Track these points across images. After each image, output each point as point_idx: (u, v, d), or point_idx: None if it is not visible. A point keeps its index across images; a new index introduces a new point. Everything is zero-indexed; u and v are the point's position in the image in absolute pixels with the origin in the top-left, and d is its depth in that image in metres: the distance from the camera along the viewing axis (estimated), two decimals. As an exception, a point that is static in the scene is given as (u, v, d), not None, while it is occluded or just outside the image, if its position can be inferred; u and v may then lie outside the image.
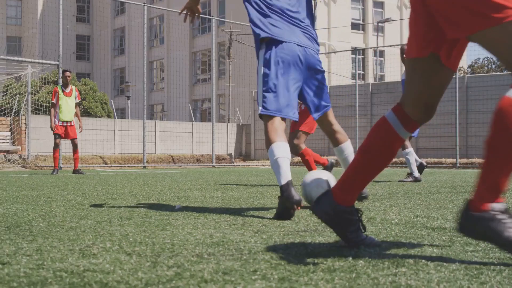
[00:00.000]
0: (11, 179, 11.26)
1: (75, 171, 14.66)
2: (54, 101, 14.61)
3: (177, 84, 53.26)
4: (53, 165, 14.88)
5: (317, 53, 4.94)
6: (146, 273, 2.34)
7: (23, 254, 2.76)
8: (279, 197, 4.36)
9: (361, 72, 52.17)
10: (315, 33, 5.00)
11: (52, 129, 14.55)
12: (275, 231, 3.58)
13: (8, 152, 22.09)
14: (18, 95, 27.18)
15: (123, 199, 6.13)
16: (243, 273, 2.34)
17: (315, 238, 3.30)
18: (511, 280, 2.24)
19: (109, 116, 36.26)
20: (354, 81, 32.49)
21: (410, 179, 10.57)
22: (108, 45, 68.34)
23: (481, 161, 2.54)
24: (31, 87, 23.69)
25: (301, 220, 4.19)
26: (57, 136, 14.53)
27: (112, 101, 38.55)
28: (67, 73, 14.88)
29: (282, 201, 4.29)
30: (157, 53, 60.71)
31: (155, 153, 27.07)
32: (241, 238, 3.29)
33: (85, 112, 35.43)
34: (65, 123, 14.68)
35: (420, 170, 10.90)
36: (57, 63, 19.02)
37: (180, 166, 24.05)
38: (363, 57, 52.87)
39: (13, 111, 25.17)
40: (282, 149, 4.49)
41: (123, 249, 2.91)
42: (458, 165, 22.15)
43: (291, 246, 3.01)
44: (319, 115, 4.99)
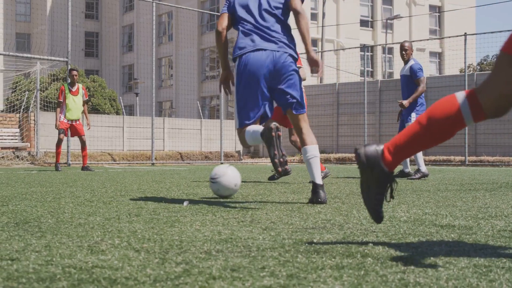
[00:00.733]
0: (20, 175, 11.29)
1: (84, 168, 14.68)
2: (61, 100, 14.61)
3: (185, 81, 53.31)
4: (55, 160, 14.86)
5: (289, 55, 5.48)
6: (154, 269, 2.34)
7: (32, 250, 2.77)
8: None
9: (370, 69, 52.08)
10: (286, 38, 5.60)
11: (56, 127, 14.55)
12: (283, 228, 3.58)
13: (17, 148, 22.15)
14: (27, 92, 27.26)
15: (132, 196, 6.14)
16: (251, 270, 2.34)
17: (323, 235, 3.30)
18: (520, 278, 2.23)
19: (117, 113, 36.32)
20: (362, 78, 32.43)
21: (418, 175, 10.58)
22: (116, 42, 68.42)
23: (488, 158, 2.53)
24: (40, 84, 23.75)
25: (309, 217, 4.18)
26: (61, 131, 14.51)
27: (120, 98, 38.63)
28: (74, 72, 14.87)
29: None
30: (165, 50, 60.74)
31: (164, 150, 27.11)
32: (249, 235, 3.29)
33: (93, 109, 35.50)
34: (72, 121, 14.69)
35: (404, 175, 10.90)
36: (65, 59, 19.05)
37: (188, 163, 24.08)
38: (371, 54, 52.78)
39: (22, 107, 25.25)
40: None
41: (132, 245, 2.91)
42: (467, 162, 22.09)
43: (299, 243, 3.01)
44: (285, 112, 5.50)
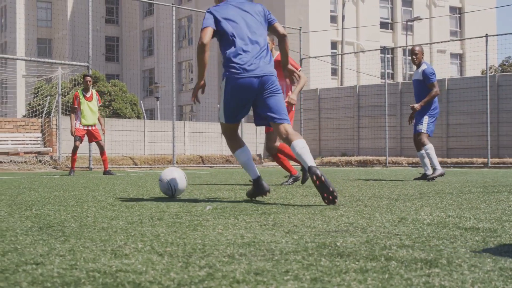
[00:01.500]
0: (42, 180, 11.37)
1: (106, 172, 14.74)
2: (75, 106, 14.66)
3: (206, 84, 53.36)
4: (71, 166, 14.90)
5: (272, 75, 5.85)
6: (178, 273, 2.34)
7: (56, 254, 2.78)
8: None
9: (390, 71, 51.90)
10: (269, 54, 5.95)
11: (72, 133, 14.61)
12: (306, 232, 3.57)
13: (39, 153, 22.30)
14: (49, 97, 27.44)
15: (154, 199, 6.16)
16: (275, 273, 2.34)
17: (346, 238, 3.29)
18: (547, 281, 2.21)
19: (138, 117, 36.43)
20: (383, 80, 32.32)
21: (437, 173, 10.62)
22: (137, 46, 68.72)
23: (511, 159, 2.52)
24: (62, 89, 23.91)
25: (331, 220, 4.17)
26: (77, 138, 14.56)
27: (141, 102, 38.75)
28: (88, 78, 14.90)
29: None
30: (185, 53, 60.91)
31: (185, 154, 27.16)
32: (272, 238, 3.29)
33: (114, 113, 35.65)
34: (87, 127, 14.73)
35: (422, 178, 10.92)
36: (86, 64, 19.17)
37: (209, 166, 24.11)
38: (392, 56, 52.58)
39: (44, 112, 25.41)
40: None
41: (155, 249, 2.92)
42: (489, 164, 21.93)
43: (322, 246, 3.00)
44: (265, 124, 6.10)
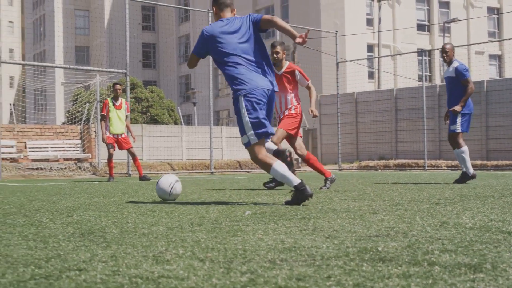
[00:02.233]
0: (82, 186, 11.48)
1: (142, 178, 14.83)
2: (104, 113, 14.75)
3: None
4: (109, 173, 15.03)
5: (274, 87, 6.32)
6: (220, 279, 2.34)
7: (99, 260, 2.80)
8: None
9: (428, 73, 51.46)
10: (270, 69, 6.33)
11: (104, 140, 14.72)
12: (347, 236, 3.55)
13: (79, 159, 22.54)
14: (87, 104, 27.72)
15: (193, 205, 6.18)
16: (317, 279, 2.32)
17: (387, 243, 3.26)
18: None
19: (176, 123, 36.66)
20: (420, 83, 32.07)
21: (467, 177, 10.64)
22: (173, 52, 69.15)
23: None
24: (100, 96, 24.13)
25: (372, 225, 4.14)
26: (110, 146, 14.67)
27: (178, 107, 38.96)
28: (117, 86, 14.98)
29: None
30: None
31: (222, 159, 27.23)
32: (312, 243, 3.28)
33: (152, 119, 35.92)
34: (116, 136, 14.82)
35: (465, 179, 10.84)
36: (124, 71, 19.33)
37: (247, 171, 24.14)
38: (429, 58, 52.13)
39: (83, 119, 25.68)
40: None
41: (196, 255, 2.92)
42: (530, 166, 21.62)
43: (363, 251, 2.98)
44: None
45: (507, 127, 24.75)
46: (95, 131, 22.96)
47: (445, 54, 10.81)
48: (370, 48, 51.15)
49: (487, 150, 25.14)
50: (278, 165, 6.01)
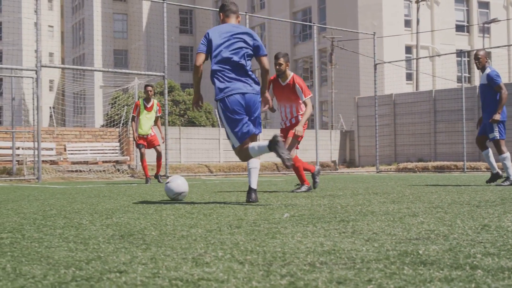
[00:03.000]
0: (121, 188, 11.57)
1: (156, 176, 14.88)
2: (135, 115, 14.81)
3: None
4: (145, 174, 15.11)
5: (257, 93, 6.78)
6: (260, 282, 2.33)
7: (139, 262, 2.82)
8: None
9: (467, 75, 50.92)
10: (253, 76, 6.80)
11: (135, 139, 14.78)
12: (387, 239, 3.52)
13: (117, 162, 22.73)
14: (125, 106, 27.96)
15: (231, 207, 6.18)
16: (358, 282, 2.30)
17: (428, 246, 3.22)
18: None
19: (213, 125, 36.77)
20: (460, 84, 31.74)
21: (507, 183, 10.54)
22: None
23: None
24: (138, 98, 24.31)
25: (412, 228, 4.10)
26: (141, 146, 14.72)
27: (215, 110, 39.08)
28: (149, 88, 15.00)
29: None
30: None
31: (259, 161, 27.24)
32: (352, 246, 3.25)
33: (189, 121, 36.07)
34: (145, 136, 14.85)
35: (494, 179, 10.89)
36: (162, 74, 19.45)
37: (284, 173, 24.11)
38: (468, 59, 51.56)
39: (121, 122, 25.90)
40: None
41: (235, 257, 2.92)
42: None
43: (404, 254, 2.95)
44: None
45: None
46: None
47: (477, 61, 10.81)
48: (408, 49, 50.78)
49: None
50: (252, 144, 6.62)
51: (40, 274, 2.56)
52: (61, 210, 6.11)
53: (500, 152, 10.67)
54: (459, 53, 28.90)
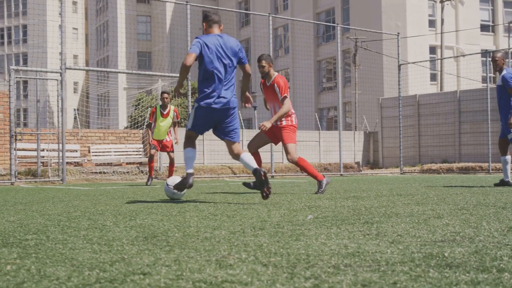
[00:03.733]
0: (145, 190, 11.60)
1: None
2: (151, 122, 14.84)
3: (302, 92, 53.43)
4: (149, 174, 15.14)
5: (232, 106, 7.41)
6: (284, 284, 2.32)
7: (162, 264, 2.81)
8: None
9: (492, 75, 50.48)
10: (233, 87, 7.41)
11: (150, 143, 14.82)
12: (411, 242, 3.49)
13: (141, 163, 22.81)
14: (149, 108, 28.06)
15: (254, 209, 6.17)
16: (383, 285, 2.28)
17: (454, 248, 3.19)
18: None
19: (236, 126, 36.85)
20: (485, 84, 31.48)
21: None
22: (234, 57, 69.34)
23: None
24: (154, 105, 24.42)
25: (437, 230, 4.07)
26: (153, 146, 14.74)
27: (239, 111, 39.12)
28: (165, 95, 15.02)
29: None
30: (282, 62, 61.15)
31: (283, 163, 27.21)
32: (376, 248, 3.23)
33: (213, 123, 36.17)
34: (159, 141, 14.85)
35: (504, 184, 10.93)
36: (186, 76, 19.46)
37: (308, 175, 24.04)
38: (493, 59, 51.12)
39: (145, 123, 25.99)
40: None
41: (259, 259, 2.91)
42: None
43: (429, 257, 2.92)
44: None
45: None
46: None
47: (495, 63, 10.79)
48: (432, 49, 50.50)
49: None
50: (188, 150, 7.51)
51: (64, 275, 2.56)
52: (85, 211, 6.14)
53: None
54: (484, 53, 28.66)
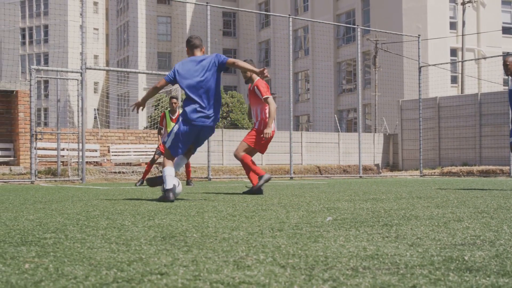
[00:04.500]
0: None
1: (187, 182, 14.88)
2: (162, 127, 14.88)
3: (322, 94, 53.36)
4: (142, 176, 15.23)
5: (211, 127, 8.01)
6: (301, 286, 2.30)
7: (180, 264, 2.80)
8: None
9: (513, 78, 50.12)
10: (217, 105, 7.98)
11: (158, 147, 14.85)
12: (431, 244, 3.46)
13: (160, 164, 22.86)
14: (169, 109, 28.10)
15: (273, 210, 6.16)
16: (402, 288, 2.26)
17: (474, 252, 3.16)
18: None
19: (255, 127, 36.83)
20: (506, 87, 31.23)
21: None
22: (254, 58, 69.52)
23: None
24: (181, 101, 24.45)
25: (457, 233, 4.03)
26: (158, 152, 14.76)
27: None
28: (174, 100, 15.10)
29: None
30: (302, 64, 61.13)
31: (302, 164, 27.18)
32: (395, 251, 3.20)
33: (232, 124, 36.18)
34: None
35: None
36: (206, 76, 19.48)
37: (327, 177, 24.01)
38: (515, 62, 50.76)
39: (157, 129, 26.05)
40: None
41: (277, 261, 2.89)
42: None
43: (449, 260, 2.89)
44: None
45: None
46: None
47: (506, 67, 10.68)
48: (453, 52, 50.24)
49: None
50: (168, 168, 7.79)
51: (82, 274, 2.56)
52: (104, 211, 6.15)
53: None
54: (506, 56, 28.44)
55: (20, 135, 21.25)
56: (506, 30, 52.52)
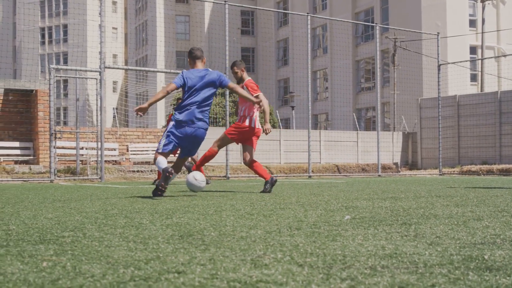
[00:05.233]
0: (181, 188, 11.64)
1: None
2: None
3: (340, 93, 53.26)
4: (157, 177, 15.26)
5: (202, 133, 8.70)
6: (319, 285, 2.29)
7: (197, 263, 2.80)
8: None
9: (534, 75, 49.78)
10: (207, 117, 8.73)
11: None
12: (450, 243, 3.43)
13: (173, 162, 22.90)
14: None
15: (291, 208, 6.14)
16: (420, 287, 2.24)
17: (494, 251, 3.12)
18: None
19: (274, 126, 36.79)
20: (526, 85, 30.97)
21: None
22: (272, 56, 69.49)
23: None
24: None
25: (476, 232, 4.00)
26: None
27: (277, 111, 39.08)
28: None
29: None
30: (320, 62, 60.99)
31: (320, 163, 27.12)
32: (414, 250, 3.18)
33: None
34: None
35: None
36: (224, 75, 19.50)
37: (345, 175, 23.95)
38: (535, 60, 50.42)
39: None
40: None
41: (295, 260, 2.88)
42: None
43: (468, 259, 2.87)
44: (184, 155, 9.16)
45: None
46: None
47: None
48: (472, 49, 49.93)
49: None
50: (160, 159, 8.40)
51: (99, 273, 2.56)
52: (122, 209, 6.16)
53: None
54: (526, 54, 28.19)
55: (39, 134, 21.38)
56: (526, 27, 52.10)
